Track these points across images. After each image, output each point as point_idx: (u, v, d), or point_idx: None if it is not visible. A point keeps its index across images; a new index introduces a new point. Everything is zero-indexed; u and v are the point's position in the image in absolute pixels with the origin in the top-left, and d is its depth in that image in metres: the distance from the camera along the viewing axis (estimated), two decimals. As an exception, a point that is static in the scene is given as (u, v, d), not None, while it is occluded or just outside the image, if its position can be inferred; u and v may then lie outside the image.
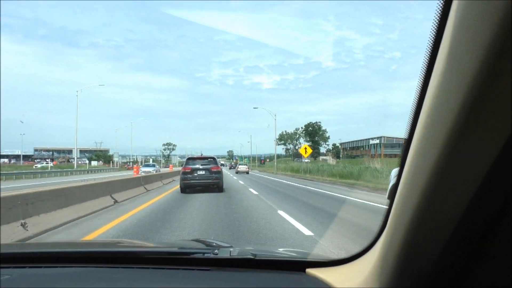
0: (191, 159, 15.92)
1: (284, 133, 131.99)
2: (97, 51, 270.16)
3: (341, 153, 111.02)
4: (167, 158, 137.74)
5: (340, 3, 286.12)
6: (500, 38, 0.51)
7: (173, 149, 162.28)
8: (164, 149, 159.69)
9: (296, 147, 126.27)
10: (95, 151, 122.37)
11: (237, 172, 45.98)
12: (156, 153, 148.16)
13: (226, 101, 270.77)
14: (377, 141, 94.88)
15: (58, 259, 1.42)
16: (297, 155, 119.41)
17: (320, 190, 17.85)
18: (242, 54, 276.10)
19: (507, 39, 0.51)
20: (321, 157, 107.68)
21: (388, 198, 0.92)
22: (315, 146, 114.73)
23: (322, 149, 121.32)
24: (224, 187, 15.84)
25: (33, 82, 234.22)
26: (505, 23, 0.50)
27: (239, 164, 54.48)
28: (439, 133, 0.63)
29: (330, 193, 16.33)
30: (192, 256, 1.37)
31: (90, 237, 6.20)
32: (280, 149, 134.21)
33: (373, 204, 11.50)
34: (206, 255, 1.35)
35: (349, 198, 13.85)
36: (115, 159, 77.67)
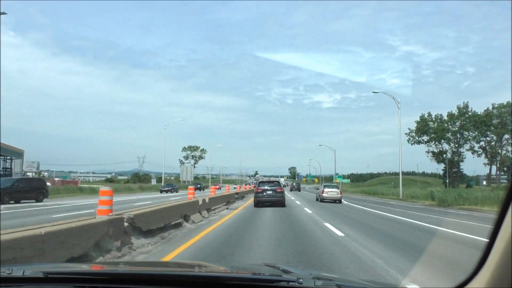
0: (262, 183, 22.09)
1: (430, 118, 62.96)
2: (161, 71, 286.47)
3: None
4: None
5: (408, 14, 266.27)
6: None
7: (201, 158, 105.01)
8: (186, 157, 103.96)
9: (464, 149, 61.20)
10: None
11: (322, 200, 26.74)
12: (207, 172, 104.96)
13: (285, 120, 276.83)
14: None
15: (139, 281, 1.51)
16: (455, 172, 58.54)
17: None
18: (302, 72, 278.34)
19: None
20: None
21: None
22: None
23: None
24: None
25: (100, 101, 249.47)
26: None
27: (325, 186, 29.09)
28: None
29: None
30: (276, 284, 1.38)
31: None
32: (423, 154, 70.42)
33: None
34: (290, 283, 1.36)
35: None
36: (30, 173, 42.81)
